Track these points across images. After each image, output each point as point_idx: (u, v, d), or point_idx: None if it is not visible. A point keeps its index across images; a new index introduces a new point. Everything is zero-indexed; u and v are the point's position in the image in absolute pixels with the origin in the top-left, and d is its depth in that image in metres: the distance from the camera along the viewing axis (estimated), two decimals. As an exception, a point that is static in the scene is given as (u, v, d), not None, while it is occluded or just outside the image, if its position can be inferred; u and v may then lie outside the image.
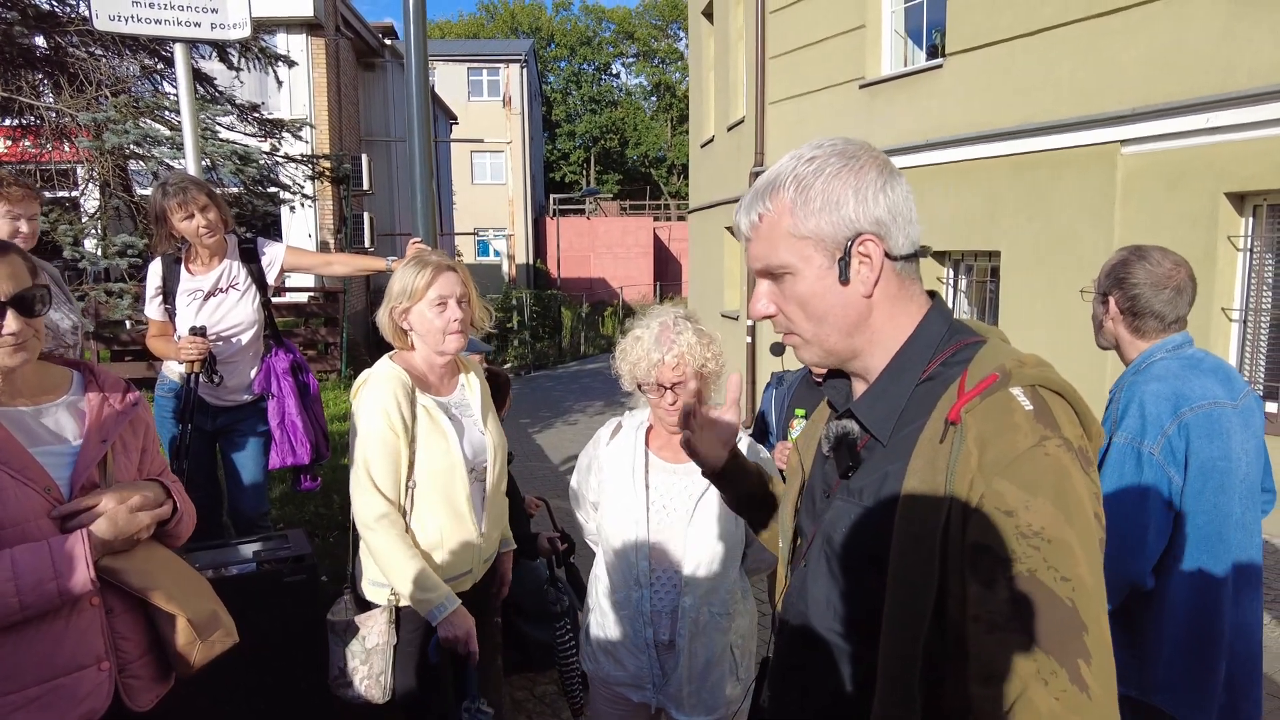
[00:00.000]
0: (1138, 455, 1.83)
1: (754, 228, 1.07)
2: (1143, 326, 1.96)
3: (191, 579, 1.56)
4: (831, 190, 1.01)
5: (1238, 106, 5.04)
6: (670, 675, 1.99)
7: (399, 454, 2.05)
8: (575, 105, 46.08)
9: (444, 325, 2.11)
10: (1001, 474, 0.89)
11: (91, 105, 6.78)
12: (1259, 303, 5.41)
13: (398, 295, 2.13)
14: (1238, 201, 5.28)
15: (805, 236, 1.03)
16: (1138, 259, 1.96)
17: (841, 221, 1.01)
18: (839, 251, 1.02)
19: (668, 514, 2.00)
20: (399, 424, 2.04)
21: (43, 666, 1.35)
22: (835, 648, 1.08)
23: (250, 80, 9.35)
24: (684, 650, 1.96)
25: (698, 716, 1.98)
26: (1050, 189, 6.33)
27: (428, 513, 2.11)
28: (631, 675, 2.03)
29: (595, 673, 2.12)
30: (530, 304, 19.04)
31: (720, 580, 1.97)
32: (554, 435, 10.34)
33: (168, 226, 3.06)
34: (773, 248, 1.05)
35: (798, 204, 1.02)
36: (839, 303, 1.04)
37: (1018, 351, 1.02)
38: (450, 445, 2.11)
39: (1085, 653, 0.85)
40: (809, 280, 1.04)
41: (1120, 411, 1.89)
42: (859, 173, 1.02)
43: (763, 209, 1.05)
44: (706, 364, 1.95)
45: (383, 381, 2.07)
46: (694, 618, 1.95)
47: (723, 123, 11.82)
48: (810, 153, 1.04)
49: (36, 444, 1.41)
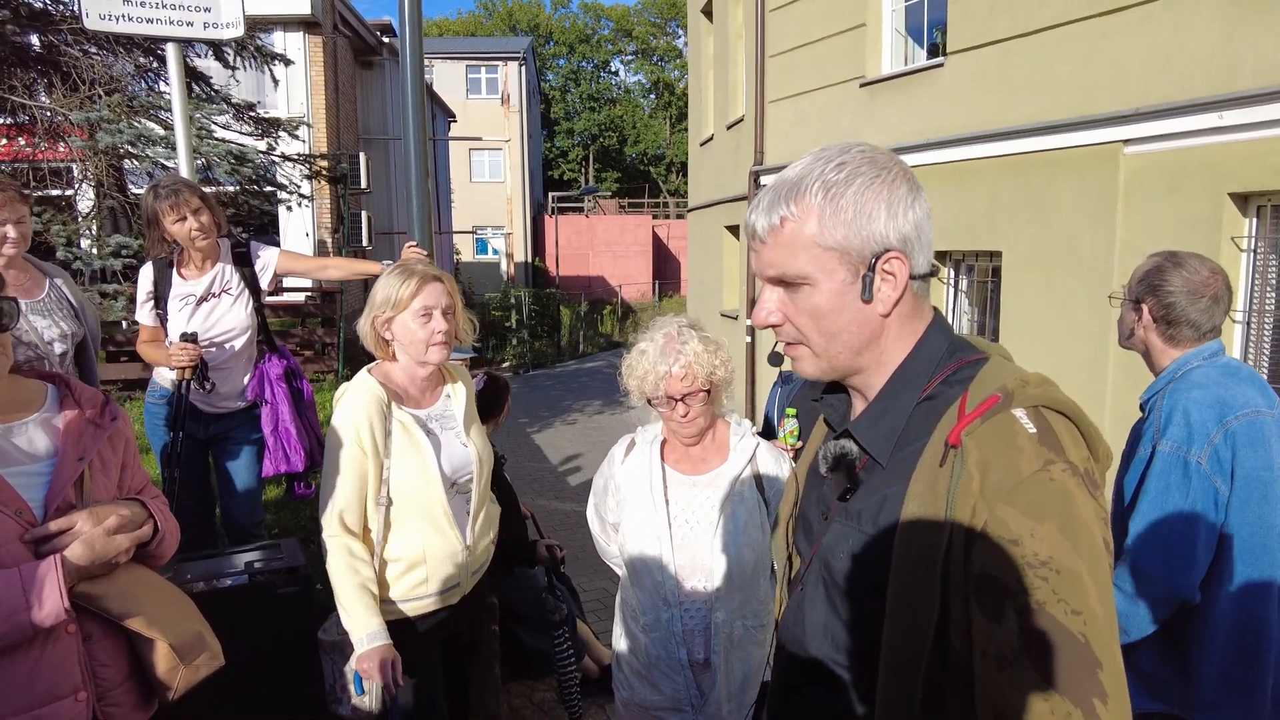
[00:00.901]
0: (1184, 465, 1.77)
1: (773, 231, 0.99)
2: (1177, 335, 1.90)
3: (174, 600, 1.51)
4: (864, 202, 0.95)
5: (1241, 106, 5.00)
6: (708, 695, 1.93)
7: (365, 474, 2.02)
8: (574, 103, 46.00)
9: (427, 337, 2.06)
10: (1005, 500, 0.86)
11: (85, 104, 6.73)
12: (1263, 304, 5.37)
13: (380, 304, 2.08)
14: (1241, 202, 5.24)
15: (830, 248, 0.97)
16: (1174, 266, 1.90)
17: (871, 236, 0.96)
18: (863, 267, 0.96)
19: (691, 528, 1.94)
20: (369, 443, 2.00)
21: (17, 699, 1.30)
22: (834, 675, 1.04)
23: (247, 79, 9.28)
24: (720, 668, 1.90)
25: None
26: (1051, 189, 6.29)
27: (408, 528, 2.07)
28: (669, 698, 1.97)
29: (630, 699, 2.05)
30: (529, 302, 19.00)
31: (752, 591, 1.92)
32: (552, 435, 10.31)
33: (160, 229, 3.01)
34: (792, 255, 0.98)
35: (826, 212, 0.96)
36: (856, 320, 0.99)
37: (1020, 370, 0.98)
38: (426, 461, 2.06)
39: (1101, 691, 0.81)
40: (827, 294, 0.98)
41: (1164, 420, 1.83)
42: (892, 185, 0.96)
43: (786, 213, 0.98)
44: (715, 371, 1.90)
45: (356, 398, 2.03)
46: (728, 633, 1.90)
47: (722, 121, 11.77)
48: (839, 157, 0.97)
49: (7, 464, 1.35)
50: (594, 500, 2.20)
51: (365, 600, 2.00)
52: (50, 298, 2.84)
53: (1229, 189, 5.20)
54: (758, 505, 1.94)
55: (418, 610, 2.11)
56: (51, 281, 2.88)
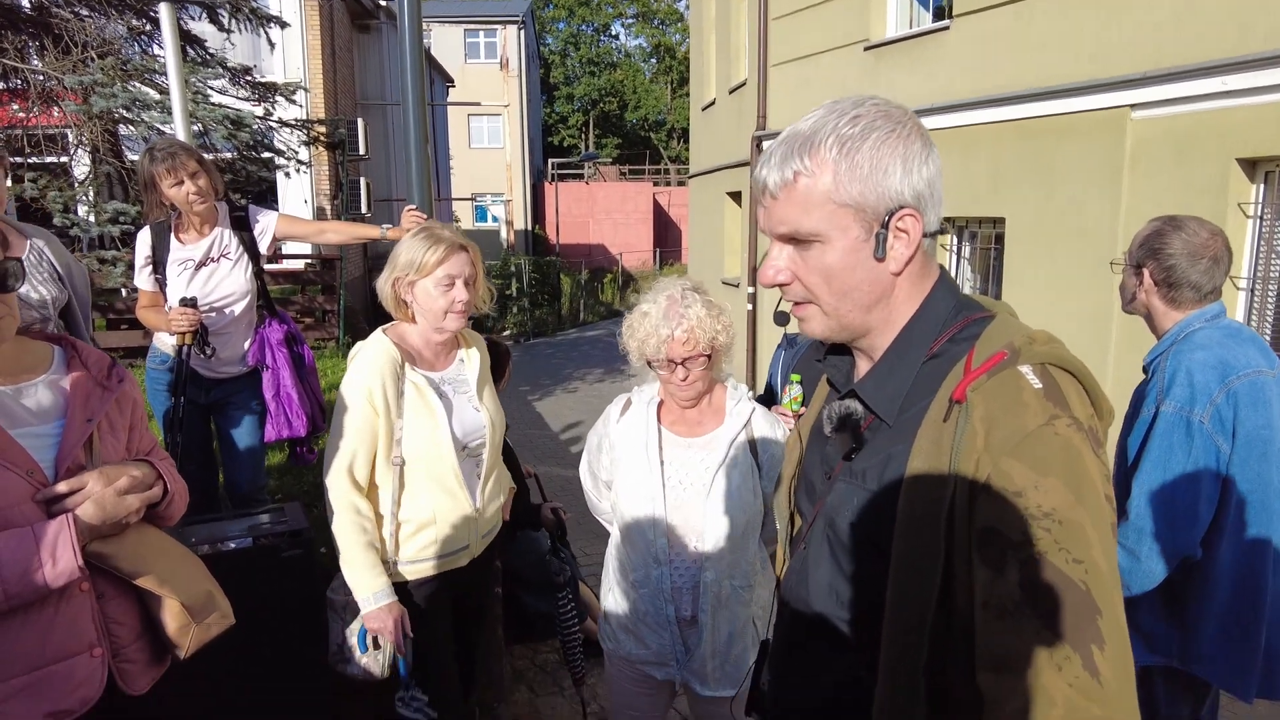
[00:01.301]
0: (1187, 424, 1.81)
1: (785, 187, 0.96)
2: (1178, 297, 1.93)
3: (185, 560, 1.53)
4: (880, 157, 0.93)
5: (1253, 70, 4.93)
6: (694, 651, 1.97)
7: (375, 432, 2.03)
8: (574, 67, 45.35)
9: (447, 305, 2.07)
10: (1010, 454, 0.86)
11: (78, 68, 6.63)
12: (1267, 271, 5.34)
13: (404, 266, 2.07)
14: (1249, 168, 5.19)
15: (845, 204, 0.95)
16: (1174, 229, 1.93)
17: (887, 192, 0.94)
18: (877, 224, 0.95)
19: (684, 489, 1.97)
20: (380, 402, 2.01)
21: (33, 655, 1.32)
22: (838, 633, 1.05)
23: (242, 42, 9.14)
24: (707, 625, 1.94)
25: (722, 690, 1.97)
26: (1057, 155, 6.23)
27: (419, 490, 2.09)
28: (654, 653, 2.01)
29: (616, 651, 2.09)
30: (529, 271, 18.93)
31: (741, 553, 1.94)
32: (554, 403, 10.34)
33: (157, 193, 2.98)
34: (805, 212, 0.96)
35: (841, 168, 0.94)
36: (868, 279, 0.98)
37: (1027, 327, 0.98)
38: (438, 423, 2.07)
39: (1099, 638, 0.82)
40: (840, 252, 0.96)
41: (1167, 381, 1.86)
42: (907, 140, 0.94)
43: (799, 167, 0.95)
44: (718, 336, 1.90)
45: (371, 357, 2.04)
46: (715, 592, 1.93)
47: (724, 86, 11.62)
48: (853, 110, 0.95)
49: (17, 425, 1.36)
50: (588, 457, 2.22)
51: (371, 559, 2.02)
52: (29, 261, 2.81)
53: (1237, 154, 5.15)
54: (751, 469, 1.96)
55: (427, 571, 2.13)
56: (32, 243, 2.85)
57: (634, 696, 2.11)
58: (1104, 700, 0.81)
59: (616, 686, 2.15)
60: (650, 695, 2.09)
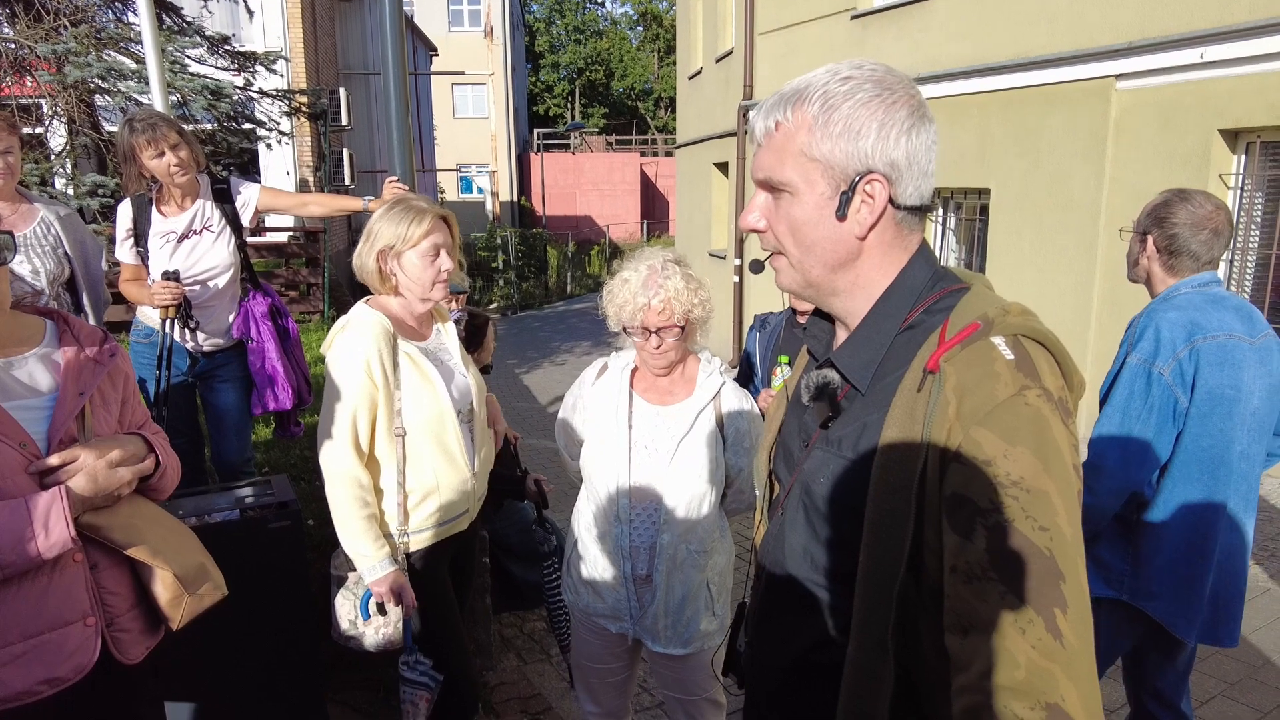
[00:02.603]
0: (1148, 375, 1.92)
1: (768, 135, 1.01)
2: (1177, 265, 2.03)
3: (178, 532, 1.55)
4: (856, 118, 0.96)
5: (1235, 40, 4.94)
6: (647, 608, 2.05)
7: (375, 405, 2.03)
8: (559, 35, 44.68)
9: (434, 275, 2.09)
10: (980, 423, 0.88)
11: (50, 36, 6.48)
12: (1247, 242, 5.40)
13: (389, 238, 2.08)
14: (1231, 139, 5.22)
15: (815, 159, 0.98)
16: (1180, 200, 2.02)
17: (856, 153, 0.96)
18: (844, 184, 0.98)
19: (650, 454, 2.03)
20: (379, 374, 2.01)
21: (28, 623, 1.34)
22: (813, 596, 1.08)
23: (220, 10, 8.96)
24: (661, 585, 2.02)
25: (672, 648, 2.06)
26: (1042, 125, 6.24)
27: (423, 459, 2.10)
28: (610, 607, 2.09)
29: (575, 603, 2.18)
30: (515, 243, 18.81)
31: (698, 519, 2.02)
32: (541, 376, 10.35)
33: (137, 165, 2.95)
34: (780, 161, 1.00)
35: (818, 122, 0.97)
36: (830, 236, 1.00)
37: (1002, 300, 1.00)
38: (438, 390, 2.10)
39: (1062, 602, 0.85)
40: (806, 206, 1.00)
41: (1137, 335, 1.97)
42: (890, 107, 0.96)
43: (781, 117, 0.99)
44: (693, 310, 1.95)
45: (364, 329, 2.03)
46: (671, 554, 2.00)
47: (710, 54, 11.51)
48: (848, 71, 0.98)
49: (9, 398, 1.37)
50: (563, 415, 2.29)
51: (374, 530, 2.03)
52: (34, 233, 2.79)
53: (1220, 125, 5.18)
54: (716, 440, 2.03)
55: (433, 539, 2.16)
56: (41, 216, 2.83)
57: (593, 647, 2.20)
58: (1066, 661, 0.84)
59: (577, 637, 2.24)
60: (607, 647, 2.18)
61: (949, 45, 6.96)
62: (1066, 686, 0.83)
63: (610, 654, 2.19)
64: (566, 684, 3.07)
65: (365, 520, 2.03)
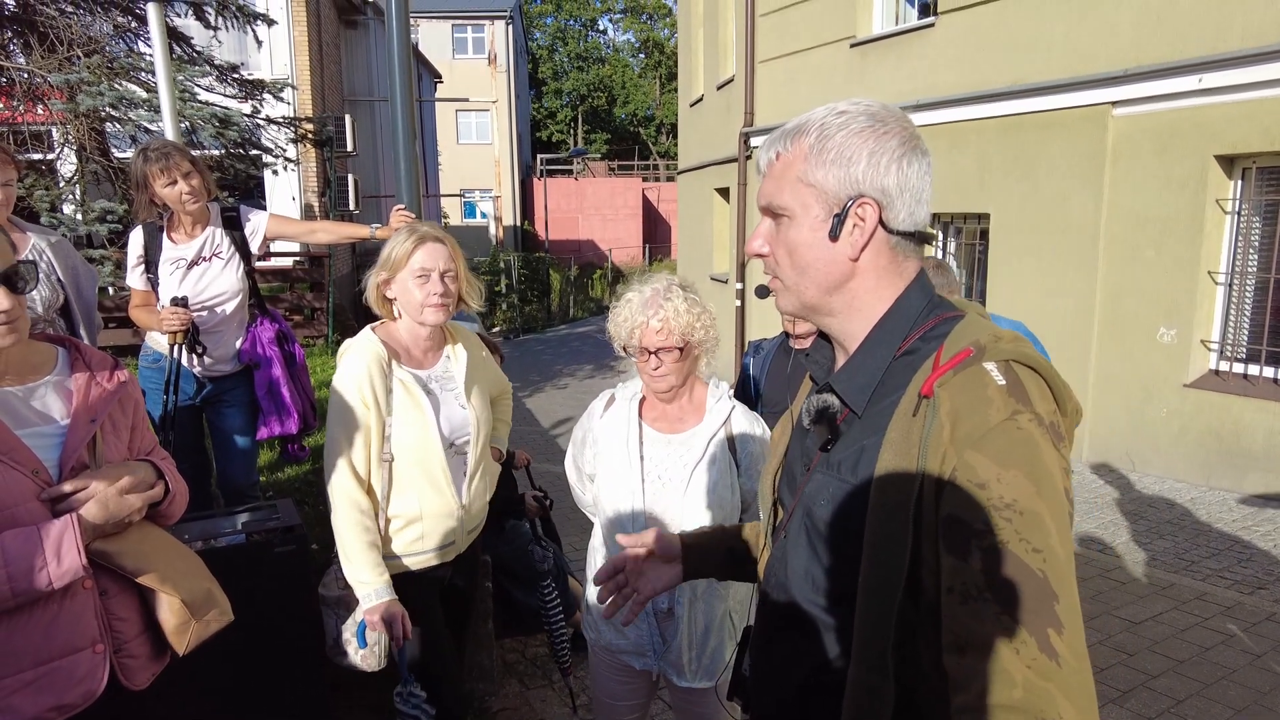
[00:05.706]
0: None
1: (770, 165, 1.09)
2: None
3: (185, 558, 1.56)
4: (849, 146, 1.02)
5: (1230, 68, 5.01)
6: (670, 642, 2.01)
7: (368, 429, 2.06)
8: (562, 62, 45.20)
9: (423, 298, 2.09)
10: (974, 447, 0.91)
11: (64, 66, 6.59)
12: (1245, 266, 5.43)
13: (381, 264, 2.13)
14: (1227, 164, 5.27)
15: (811, 185, 1.04)
16: None
17: (848, 179, 1.02)
18: (837, 208, 1.03)
19: (663, 484, 2.01)
20: (370, 398, 2.05)
21: (38, 650, 1.35)
22: (815, 618, 1.10)
23: (229, 40, 9.09)
24: (683, 618, 1.98)
25: (698, 681, 2.02)
26: (1040, 151, 6.30)
27: (407, 486, 2.12)
28: (633, 644, 2.05)
29: (597, 641, 2.14)
30: (518, 266, 18.93)
31: None
32: (544, 399, 10.37)
33: (149, 193, 3.00)
34: (779, 188, 1.07)
35: (814, 151, 1.04)
36: (824, 258, 1.05)
37: (995, 327, 1.03)
38: (425, 420, 2.11)
39: (1056, 622, 0.87)
40: (802, 229, 1.06)
41: None
42: (881, 136, 1.02)
43: (782, 148, 1.07)
44: (694, 331, 1.94)
45: (358, 355, 2.08)
46: (692, 586, 1.97)
47: (712, 81, 11.65)
48: (845, 106, 1.05)
49: (24, 426, 1.39)
50: (572, 450, 2.26)
51: (373, 556, 2.05)
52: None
53: (1216, 151, 5.23)
54: (729, 466, 2.00)
55: (415, 565, 2.17)
56: (34, 244, 2.86)
57: (615, 685, 2.15)
58: (1063, 680, 0.85)
59: (598, 675, 2.20)
60: (630, 684, 2.14)
61: (947, 72, 7.05)
62: (1064, 705, 0.85)
63: (631, 690, 2.16)
64: (569, 709, 3.05)
65: (365, 546, 2.04)
